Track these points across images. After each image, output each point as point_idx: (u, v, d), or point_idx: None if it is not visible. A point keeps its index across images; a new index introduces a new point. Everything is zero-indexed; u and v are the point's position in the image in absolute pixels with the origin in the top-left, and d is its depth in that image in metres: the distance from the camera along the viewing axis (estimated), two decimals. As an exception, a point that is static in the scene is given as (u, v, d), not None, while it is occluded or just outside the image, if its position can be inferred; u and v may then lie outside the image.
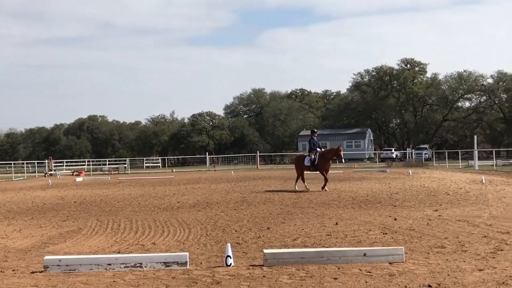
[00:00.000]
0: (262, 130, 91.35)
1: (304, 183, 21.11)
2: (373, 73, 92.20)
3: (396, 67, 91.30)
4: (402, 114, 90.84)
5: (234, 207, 15.06)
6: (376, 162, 61.42)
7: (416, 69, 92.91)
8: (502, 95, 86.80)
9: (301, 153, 24.27)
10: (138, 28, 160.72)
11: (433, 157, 58.27)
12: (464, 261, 7.18)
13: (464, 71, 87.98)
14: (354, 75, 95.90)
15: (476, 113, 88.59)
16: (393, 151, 74.27)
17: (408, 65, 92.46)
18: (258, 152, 61.95)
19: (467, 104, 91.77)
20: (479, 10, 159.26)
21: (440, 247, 8.22)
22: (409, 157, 62.41)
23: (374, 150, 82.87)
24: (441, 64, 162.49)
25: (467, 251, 7.89)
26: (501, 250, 7.84)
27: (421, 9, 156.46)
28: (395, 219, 11.54)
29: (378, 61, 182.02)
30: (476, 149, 45.38)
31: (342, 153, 21.06)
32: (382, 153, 72.32)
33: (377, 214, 12.67)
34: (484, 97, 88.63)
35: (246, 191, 21.23)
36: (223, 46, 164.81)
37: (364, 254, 7.31)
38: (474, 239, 8.90)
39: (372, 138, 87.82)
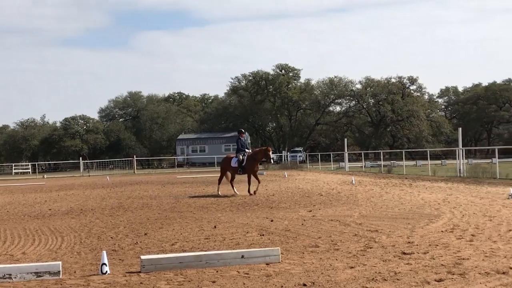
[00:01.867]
0: (139, 134, 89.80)
1: (233, 188, 20.16)
2: (250, 78, 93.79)
3: (272, 72, 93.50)
4: (278, 118, 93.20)
5: (110, 213, 14.64)
6: (253, 165, 62.31)
7: (290, 74, 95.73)
8: (369, 100, 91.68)
9: (228, 153, 22.99)
10: (7, 28, 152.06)
11: (307, 160, 60.35)
12: (336, 259, 7.46)
13: (335, 77, 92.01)
14: (232, 79, 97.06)
15: (346, 117, 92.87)
16: (269, 154, 75.65)
17: (283, 71, 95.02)
18: (135, 156, 60.79)
19: (338, 108, 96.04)
20: (345, 18, 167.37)
21: (314, 247, 8.48)
22: (284, 159, 64.11)
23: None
24: (313, 70, 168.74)
25: (339, 249, 8.21)
26: (370, 248, 8.24)
27: (291, 16, 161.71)
28: (272, 221, 11.78)
29: (255, 66, 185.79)
30: (346, 151, 47.53)
31: (271, 153, 20.22)
32: (259, 156, 73.47)
33: (254, 216, 12.87)
34: (354, 102, 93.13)
35: (123, 196, 20.74)
36: (97, 48, 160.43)
37: (242, 256, 7.38)
38: (346, 237, 9.28)
39: (250, 141, 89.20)
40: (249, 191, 19.55)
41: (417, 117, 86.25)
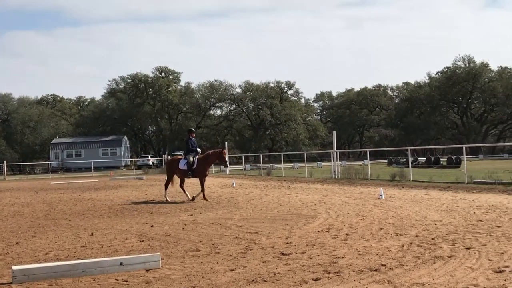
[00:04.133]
0: (10, 138, 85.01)
1: (185, 191, 18.47)
2: (129, 80, 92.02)
3: (151, 75, 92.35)
4: (158, 121, 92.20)
5: (-23, 223, 13.70)
6: (133, 169, 61.32)
7: (171, 77, 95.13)
8: (249, 104, 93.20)
9: (175, 155, 20.83)
10: None
11: (187, 163, 60.00)
12: (217, 263, 7.47)
13: (215, 80, 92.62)
14: (109, 81, 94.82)
15: (227, 120, 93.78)
16: (149, 158, 74.85)
17: (163, 73, 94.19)
18: (5, 162, 57.40)
19: (219, 112, 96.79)
20: (223, 23, 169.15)
21: (195, 251, 8.44)
22: (165, 163, 63.40)
23: (131, 157, 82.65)
24: (193, 73, 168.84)
25: (220, 252, 8.23)
26: (251, 250, 8.33)
27: (169, 19, 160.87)
28: (152, 226, 11.58)
29: (134, 68, 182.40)
30: (227, 154, 47.88)
31: (227, 156, 18.82)
32: (139, 160, 72.47)
33: (134, 222, 12.59)
34: (234, 106, 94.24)
35: (-8, 204, 19.50)
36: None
37: (121, 263, 7.18)
38: (226, 240, 9.33)
39: (129, 145, 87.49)
40: (202, 196, 17.75)
41: (294, 121, 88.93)
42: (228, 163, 19.67)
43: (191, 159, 18.22)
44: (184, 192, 18.52)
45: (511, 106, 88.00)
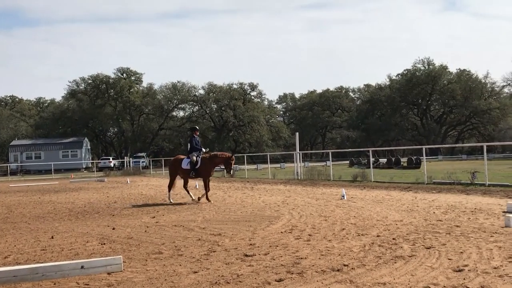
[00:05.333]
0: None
1: (189, 192, 17.72)
2: (89, 81, 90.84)
3: (113, 75, 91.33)
4: (120, 122, 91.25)
5: None
6: (94, 171, 60.55)
7: (132, 78, 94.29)
8: (212, 105, 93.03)
9: (178, 155, 19.20)
10: None
11: (150, 165, 59.65)
12: (180, 265, 7.42)
13: (178, 81, 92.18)
14: (70, 82, 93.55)
15: (190, 122, 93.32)
16: (111, 160, 74.05)
17: (124, 74, 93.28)
18: (-39, 164, 56.07)
19: (182, 113, 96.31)
20: (186, 24, 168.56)
21: (158, 253, 8.38)
22: (127, 165, 62.86)
23: (92, 159, 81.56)
24: (156, 74, 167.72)
25: (183, 255, 8.18)
26: (214, 252, 8.30)
27: (130, 19, 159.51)
28: (114, 229, 11.45)
29: (94, 69, 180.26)
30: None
31: (233, 162, 17.63)
32: (100, 162, 71.62)
33: (95, 224, 12.43)
34: (197, 107, 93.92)
35: None
36: None
37: (82, 267, 7.08)
38: (189, 242, 9.28)
39: (90, 147, 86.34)
40: (207, 197, 17.10)
41: (257, 123, 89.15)
42: (232, 171, 18.07)
43: (195, 158, 17.38)
44: (188, 193, 17.76)
45: (469, 108, 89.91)
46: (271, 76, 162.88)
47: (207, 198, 16.96)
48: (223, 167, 17.78)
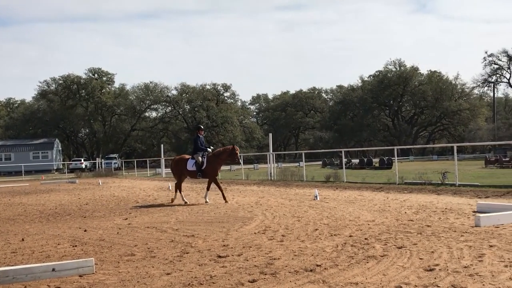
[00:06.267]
0: None
1: (181, 193, 17.29)
2: (60, 82, 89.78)
3: (84, 76, 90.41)
4: (91, 123, 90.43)
5: None
6: (65, 173, 59.86)
7: (104, 79, 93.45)
8: (185, 106, 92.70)
9: (182, 155, 18.31)
10: None
11: (122, 166, 59.22)
12: (153, 267, 7.38)
13: (150, 82, 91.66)
14: (40, 83, 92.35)
15: (163, 122, 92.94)
16: (82, 161, 73.31)
17: (96, 75, 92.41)
18: None
19: (154, 114, 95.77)
20: (159, 25, 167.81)
21: (130, 255, 8.31)
22: (99, 167, 62.28)
23: (63, 160, 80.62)
24: (128, 75, 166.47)
25: (155, 256, 8.13)
26: (187, 253, 8.27)
27: (102, 19, 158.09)
28: (85, 231, 11.33)
29: (66, 69, 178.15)
30: (163, 157, 47.46)
31: (238, 152, 17.00)
32: (71, 163, 70.83)
33: (66, 226, 12.29)
34: (170, 108, 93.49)
35: None
36: None
37: (53, 269, 6.99)
38: (162, 244, 9.23)
39: (61, 148, 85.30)
40: (204, 197, 16.99)
41: (231, 123, 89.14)
42: (239, 160, 17.21)
43: (200, 159, 16.74)
44: (181, 195, 17.34)
45: (440, 109, 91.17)
46: (244, 77, 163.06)
47: (224, 199, 16.56)
48: (230, 160, 17.36)
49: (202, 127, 18.14)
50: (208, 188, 17.23)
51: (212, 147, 17.79)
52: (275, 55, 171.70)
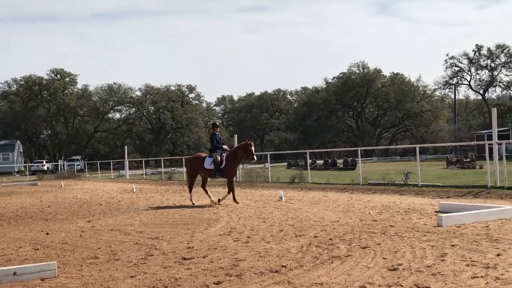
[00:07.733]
0: None
1: (207, 192, 16.72)
2: (22, 83, 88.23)
3: (46, 77, 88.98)
4: (53, 125, 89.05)
5: None
6: (27, 175, 58.80)
7: (67, 79, 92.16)
8: (150, 107, 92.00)
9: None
10: None
11: (85, 168, 58.42)
12: (117, 270, 7.30)
13: (114, 83, 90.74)
14: (1, 84, 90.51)
15: (127, 124, 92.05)
16: (44, 163, 72.08)
17: (58, 76, 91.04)
18: None
19: (118, 115, 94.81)
20: (121, 25, 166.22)
21: (94, 258, 8.21)
22: (61, 169, 61.28)
23: (24, 162, 79.13)
24: (92, 76, 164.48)
25: (119, 259, 8.05)
26: (151, 256, 8.21)
27: (66, 19, 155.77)
28: (47, 234, 11.15)
29: (27, 70, 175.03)
30: (127, 159, 47.00)
31: (253, 147, 16.29)
32: (33, 165, 69.59)
33: (28, 229, 12.06)
34: (134, 109, 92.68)
35: None
36: None
37: (14, 273, 6.86)
38: (126, 247, 9.14)
39: (22, 150, 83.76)
40: (221, 198, 16.37)
41: (196, 125, 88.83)
42: (255, 157, 16.57)
43: (219, 157, 16.17)
44: (207, 193, 16.86)
45: (402, 111, 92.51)
46: (210, 79, 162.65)
47: (234, 200, 16.01)
48: (245, 156, 16.60)
49: (218, 124, 17.46)
50: (230, 190, 16.13)
51: (226, 147, 16.88)
52: (240, 56, 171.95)
